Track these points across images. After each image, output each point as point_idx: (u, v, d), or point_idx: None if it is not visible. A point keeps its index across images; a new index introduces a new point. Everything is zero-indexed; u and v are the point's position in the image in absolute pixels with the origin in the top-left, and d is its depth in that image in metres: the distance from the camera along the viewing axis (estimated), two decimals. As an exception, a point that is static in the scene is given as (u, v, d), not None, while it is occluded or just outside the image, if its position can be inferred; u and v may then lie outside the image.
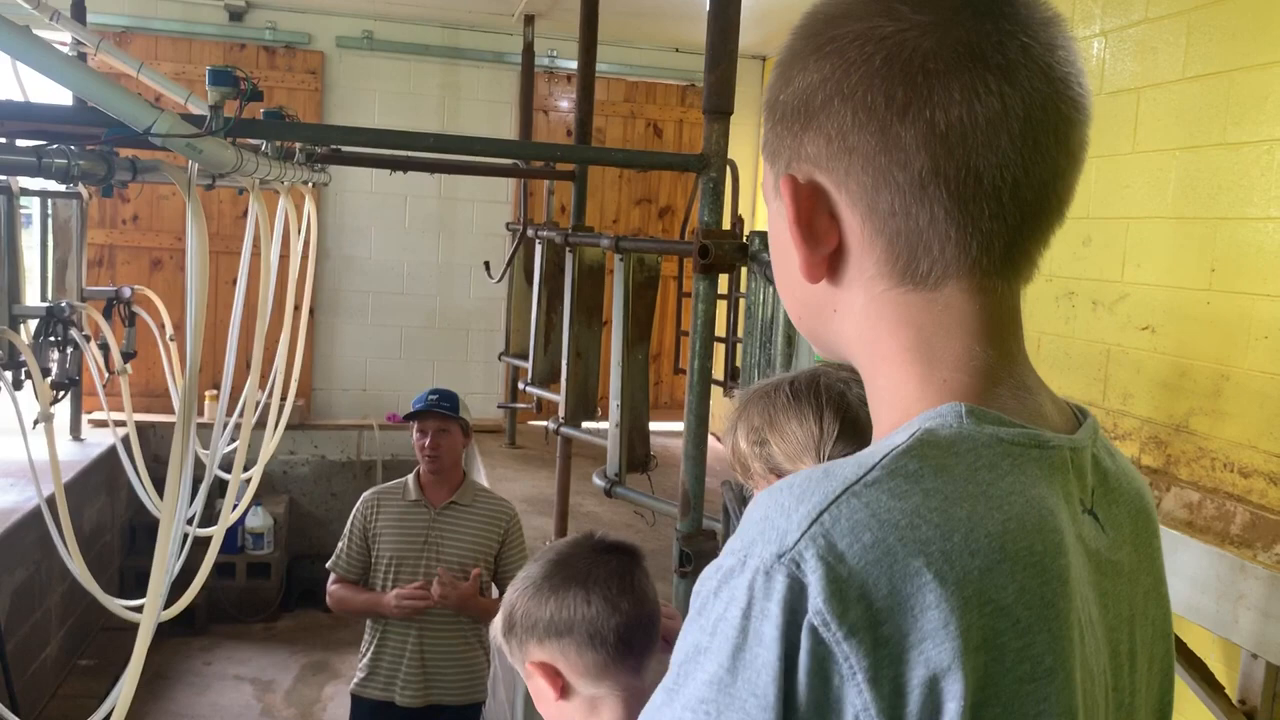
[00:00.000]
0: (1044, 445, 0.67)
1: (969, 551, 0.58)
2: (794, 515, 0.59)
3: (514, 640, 1.40)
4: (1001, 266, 0.68)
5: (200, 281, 2.73)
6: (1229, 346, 2.61)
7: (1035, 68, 0.65)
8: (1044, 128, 0.65)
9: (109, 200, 6.14)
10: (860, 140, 0.66)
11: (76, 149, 2.60)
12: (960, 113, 0.64)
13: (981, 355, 0.68)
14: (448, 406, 3.35)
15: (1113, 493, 0.75)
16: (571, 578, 1.36)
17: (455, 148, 3.91)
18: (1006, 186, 0.65)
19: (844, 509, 0.59)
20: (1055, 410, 0.73)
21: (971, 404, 0.66)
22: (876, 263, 0.68)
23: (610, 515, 4.93)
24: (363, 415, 6.93)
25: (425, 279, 7.04)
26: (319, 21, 6.66)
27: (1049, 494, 0.65)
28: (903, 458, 0.62)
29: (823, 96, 0.67)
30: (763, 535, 0.60)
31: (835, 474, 0.61)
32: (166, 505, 2.89)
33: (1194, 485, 2.69)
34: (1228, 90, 2.65)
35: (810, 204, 0.69)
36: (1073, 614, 0.63)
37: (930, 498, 0.60)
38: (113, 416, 5.19)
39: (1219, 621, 2.39)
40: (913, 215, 0.66)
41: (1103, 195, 3.05)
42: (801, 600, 0.56)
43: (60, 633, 5.24)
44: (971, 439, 0.64)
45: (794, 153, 0.70)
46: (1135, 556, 0.76)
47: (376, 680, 3.29)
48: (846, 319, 0.72)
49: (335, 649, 5.76)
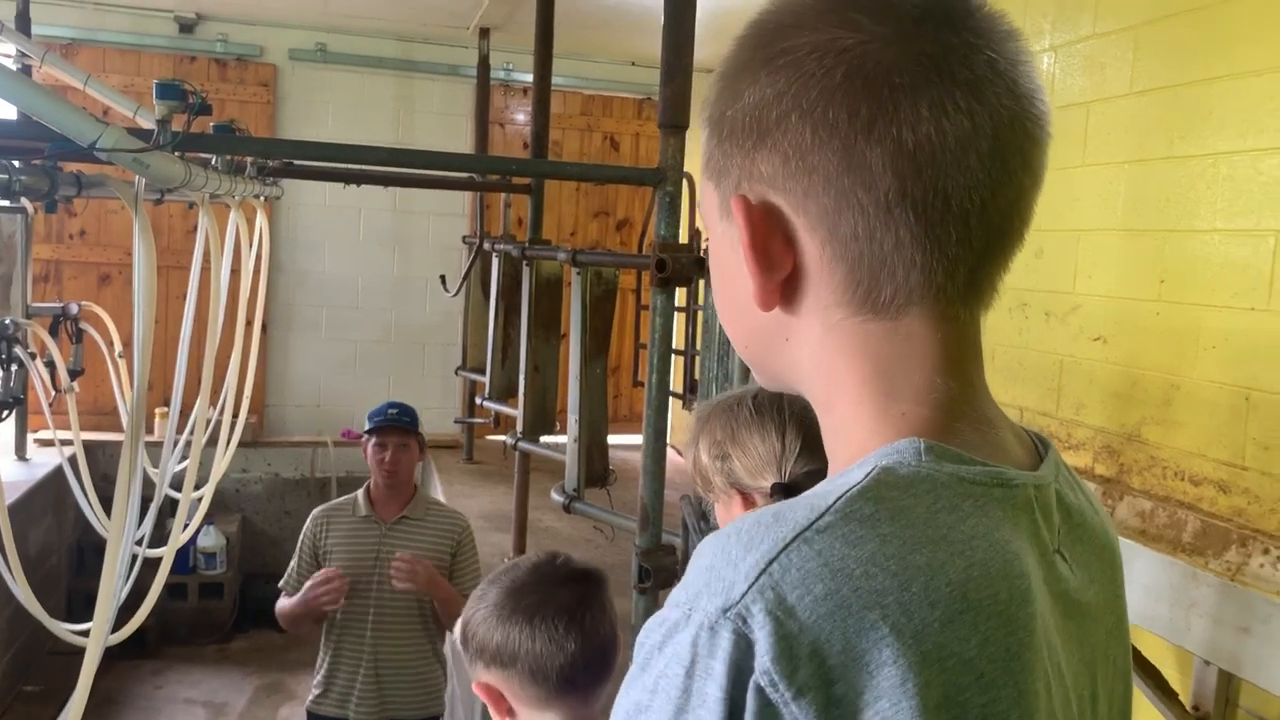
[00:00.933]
0: (1007, 484, 0.63)
1: (928, 602, 0.55)
2: (741, 565, 0.56)
3: (468, 655, 1.41)
4: (965, 293, 0.65)
5: (148, 297, 2.68)
6: (1179, 357, 2.65)
7: (1002, 84, 0.62)
8: (1011, 147, 0.62)
9: (56, 215, 6.02)
10: (821, 159, 0.62)
11: (20, 164, 2.54)
12: (929, 130, 0.60)
13: (943, 387, 0.64)
14: (408, 421, 3.32)
15: (1077, 529, 0.71)
16: (520, 610, 1.35)
17: (409, 161, 3.88)
18: (974, 209, 0.61)
19: (794, 558, 0.55)
20: (1017, 443, 0.70)
21: (931, 440, 0.62)
22: (835, 289, 0.64)
23: (569, 530, 4.91)
24: (317, 432, 6.84)
25: (380, 293, 6.97)
26: (271, 34, 6.59)
27: (1014, 536, 0.61)
28: (857, 500, 0.58)
29: (778, 112, 0.62)
30: (708, 587, 0.56)
31: (786, 519, 0.58)
32: (114, 525, 2.82)
33: (1146, 494, 2.72)
34: (1174, 105, 2.69)
35: (765, 227, 0.64)
36: (1038, 665, 0.59)
37: (887, 544, 0.56)
38: (59, 435, 5.08)
39: (1172, 629, 2.41)
40: (877, 239, 0.62)
41: (1054, 207, 3.09)
42: (748, 658, 0.53)
43: (5, 658, 5.10)
44: (931, 479, 0.60)
45: (745, 172, 0.65)
46: (1101, 595, 0.72)
47: (331, 697, 3.25)
48: (800, 348, 0.67)
49: (290, 670, 5.67)
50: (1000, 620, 0.57)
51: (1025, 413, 3.20)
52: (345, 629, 3.24)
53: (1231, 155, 2.52)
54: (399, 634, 3.24)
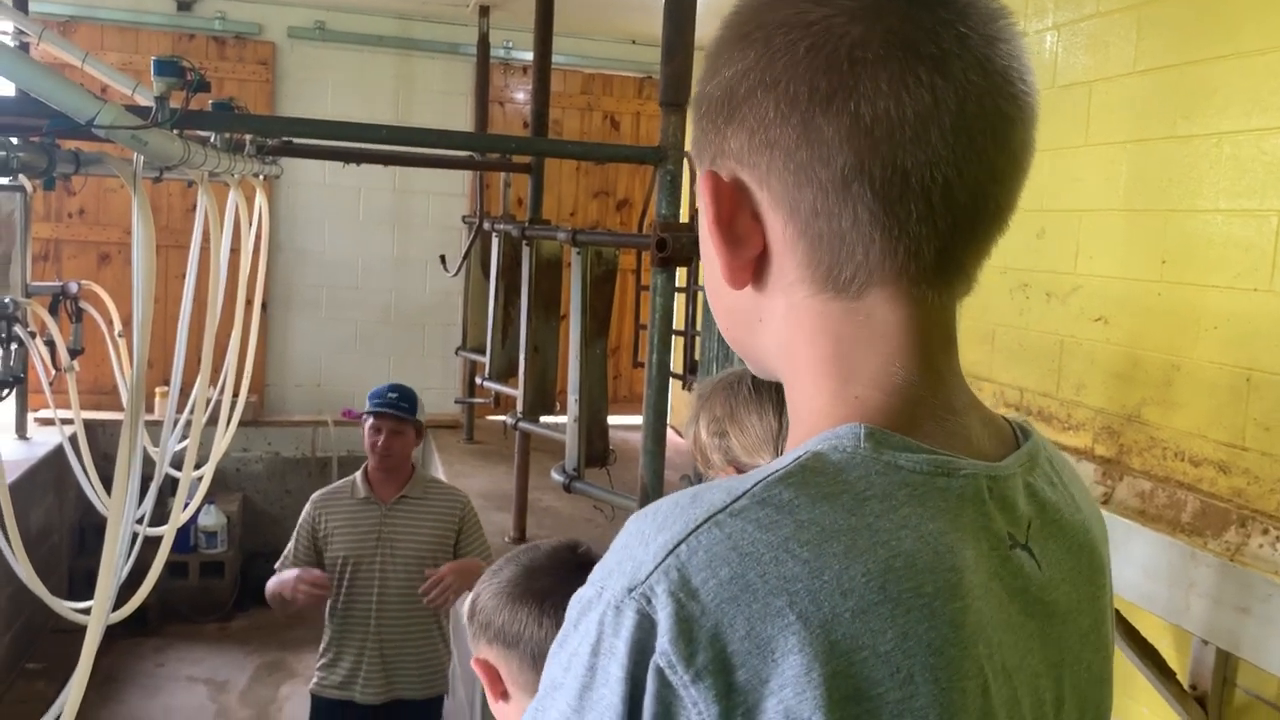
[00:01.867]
0: (951, 473, 0.60)
1: (840, 591, 0.53)
2: (651, 545, 0.55)
3: (471, 629, 1.40)
4: (932, 275, 0.62)
5: (147, 276, 2.67)
6: (1179, 337, 2.65)
7: (972, 59, 0.60)
8: (980, 124, 0.60)
9: (54, 193, 6.01)
10: (782, 134, 0.61)
11: (18, 141, 2.53)
12: (887, 105, 0.58)
13: (902, 372, 0.63)
14: (406, 407, 3.32)
15: (1051, 525, 0.68)
16: (532, 593, 1.34)
17: (409, 140, 3.87)
18: (937, 187, 0.59)
19: (703, 539, 0.55)
20: (987, 433, 0.67)
21: (874, 426, 0.60)
22: (798, 267, 0.63)
23: (570, 510, 4.92)
24: (317, 411, 6.84)
25: (380, 273, 6.96)
26: (270, 11, 6.55)
27: (951, 528, 0.59)
28: (777, 485, 0.57)
29: (746, 87, 0.62)
30: (619, 566, 0.56)
31: (702, 500, 0.57)
32: (114, 504, 2.82)
33: (1146, 474, 2.72)
34: (1177, 84, 2.68)
35: (732, 203, 0.64)
36: (968, 662, 0.56)
37: (802, 530, 0.55)
38: (60, 415, 5.08)
39: (1170, 608, 2.42)
40: (835, 216, 0.61)
41: (1056, 188, 3.08)
42: (650, 638, 0.53)
43: (7, 636, 5.13)
44: (865, 465, 0.58)
45: (717, 148, 0.65)
46: (1074, 595, 0.69)
47: (335, 678, 3.26)
48: (770, 327, 0.66)
49: (291, 648, 5.69)
50: (923, 614, 0.55)
51: (1026, 393, 3.20)
52: (349, 611, 3.25)
53: (1235, 135, 2.51)
54: (403, 614, 3.25)
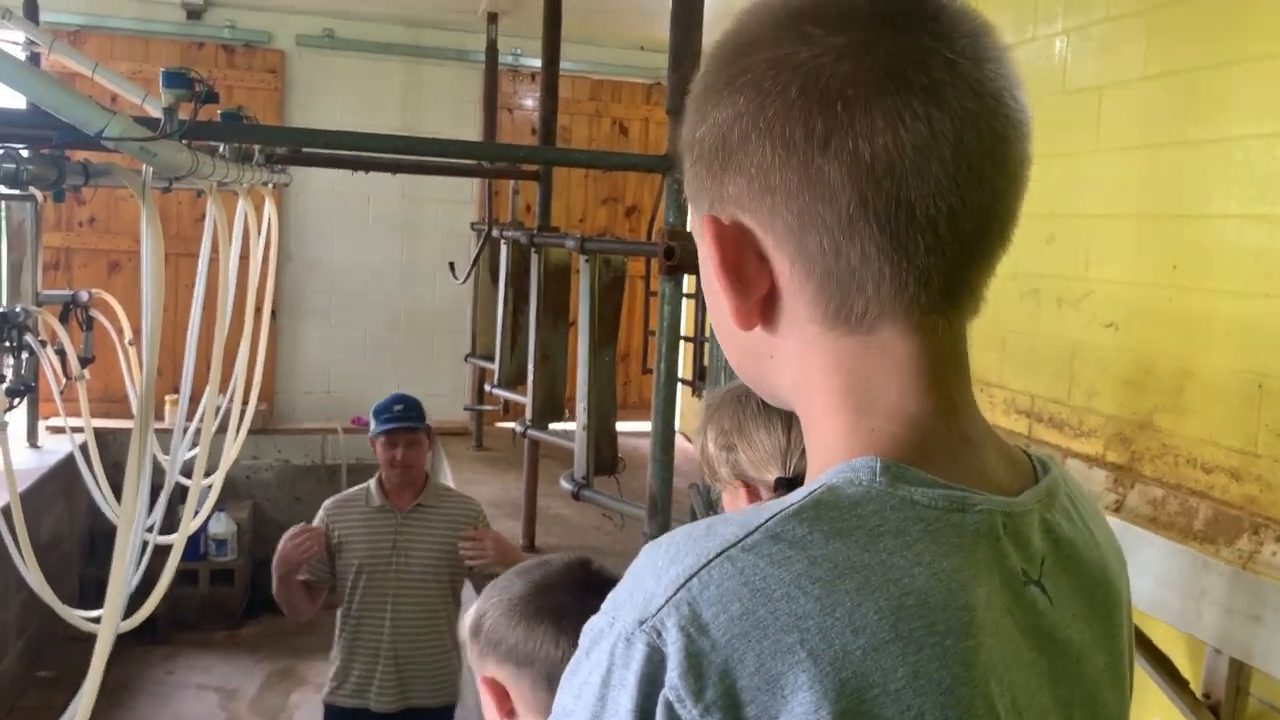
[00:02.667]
0: (966, 509, 0.60)
1: (851, 629, 0.54)
2: (663, 577, 0.56)
3: (476, 646, 1.34)
4: (942, 302, 0.63)
5: (156, 285, 2.68)
6: (1191, 343, 2.63)
7: (963, 85, 0.60)
8: (978, 150, 0.61)
9: (65, 203, 6.03)
10: (782, 178, 0.61)
11: (28, 153, 2.54)
12: (885, 141, 0.59)
13: (916, 404, 0.63)
14: (415, 417, 3.31)
15: (1066, 561, 0.68)
16: (548, 610, 1.29)
17: (417, 149, 3.88)
18: (942, 216, 0.60)
19: (715, 574, 0.55)
20: (1003, 465, 0.67)
21: (890, 459, 0.60)
22: (808, 305, 0.64)
23: (578, 518, 4.91)
24: (327, 419, 6.86)
25: (389, 280, 6.97)
26: (279, 20, 6.58)
27: (965, 565, 0.59)
28: (790, 520, 0.57)
29: (739, 132, 0.63)
30: (631, 597, 0.57)
31: (715, 533, 0.57)
32: (124, 512, 2.83)
33: (1158, 481, 2.70)
34: (1188, 89, 2.66)
35: (736, 247, 0.64)
36: (978, 701, 0.56)
37: (815, 566, 0.55)
38: (70, 423, 5.10)
39: (1183, 617, 2.40)
40: (843, 254, 0.61)
41: (1066, 193, 3.06)
42: (660, 672, 0.53)
43: (19, 644, 5.14)
44: (879, 500, 0.59)
45: (715, 194, 0.65)
46: (1089, 633, 0.69)
47: (349, 687, 3.25)
48: (782, 365, 0.67)
49: (301, 655, 5.70)
50: (934, 653, 0.55)
51: (1037, 400, 3.18)
52: (362, 619, 3.24)
53: (1247, 140, 2.49)
54: (418, 622, 3.24)
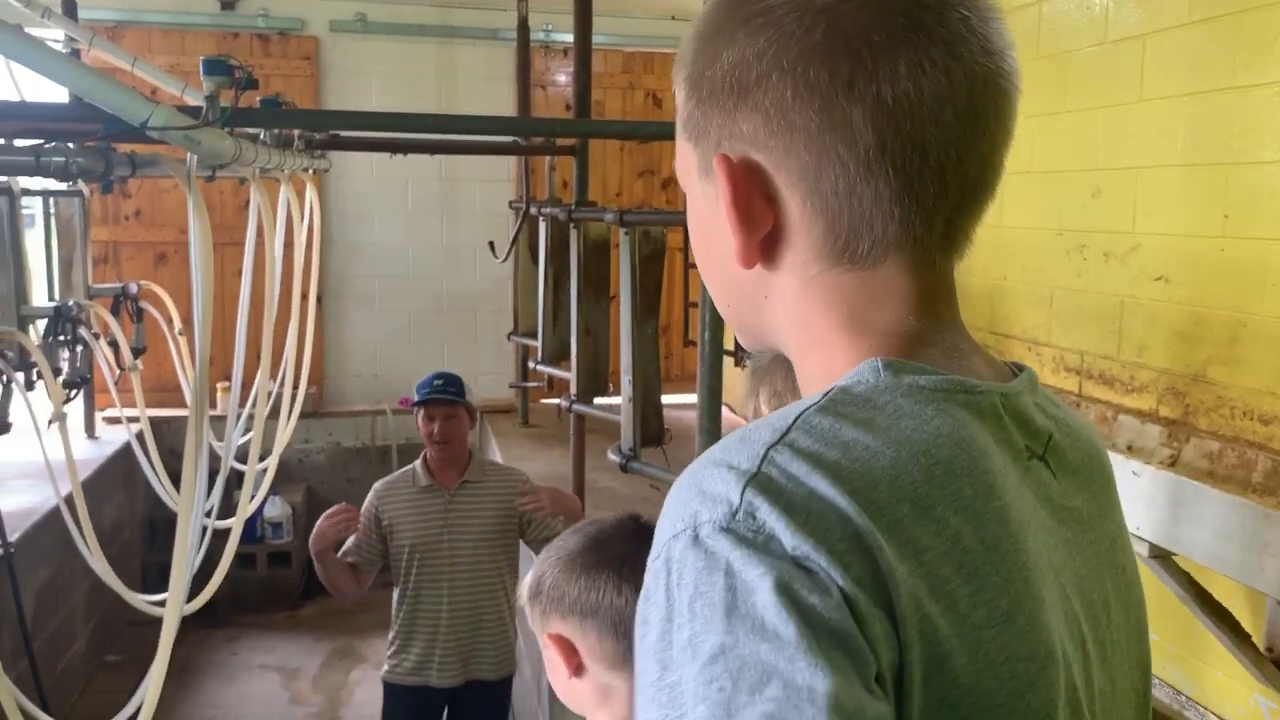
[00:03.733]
0: (970, 390, 0.65)
1: (895, 500, 0.57)
2: (728, 478, 0.58)
3: (538, 607, 1.35)
4: (941, 243, 0.67)
5: (205, 274, 2.72)
6: (1245, 293, 2.58)
7: (975, 42, 0.63)
8: (985, 103, 0.64)
9: (111, 196, 6.13)
10: (802, 117, 0.63)
11: (75, 146, 2.59)
12: (907, 87, 0.61)
13: (914, 322, 0.67)
14: (454, 391, 3.32)
15: (1063, 439, 0.73)
16: (607, 560, 1.31)
17: (453, 127, 3.89)
18: (951, 163, 0.63)
19: (776, 460, 0.58)
20: (990, 370, 0.71)
21: (889, 358, 0.64)
22: (815, 244, 0.66)
23: (627, 490, 4.93)
24: (375, 401, 6.93)
25: (431, 262, 7.02)
26: (311, 6, 6.61)
27: (979, 436, 0.63)
28: (815, 416, 0.61)
29: (758, 71, 0.64)
30: (704, 504, 0.57)
31: (751, 439, 0.60)
32: (183, 499, 2.89)
33: (1214, 435, 2.66)
34: (1235, 33, 2.60)
35: (747, 185, 0.66)
36: (1023, 556, 0.61)
37: (851, 450, 0.59)
38: (126, 413, 5.20)
39: (1244, 570, 2.37)
40: (858, 194, 0.63)
41: (1110, 146, 3.01)
42: (771, 544, 0.55)
43: (87, 630, 5.28)
44: (889, 389, 0.63)
45: (726, 131, 0.67)
46: (1093, 504, 0.73)
47: (409, 664, 3.29)
48: (778, 304, 0.70)
49: (359, 634, 5.80)
50: (969, 515, 0.59)
51: (1086, 356, 3.14)
52: (419, 598, 3.28)
53: (1297, 82, 2.43)
54: (475, 597, 3.28)
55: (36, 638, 4.26)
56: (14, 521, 4.25)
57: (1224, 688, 2.68)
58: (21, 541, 4.28)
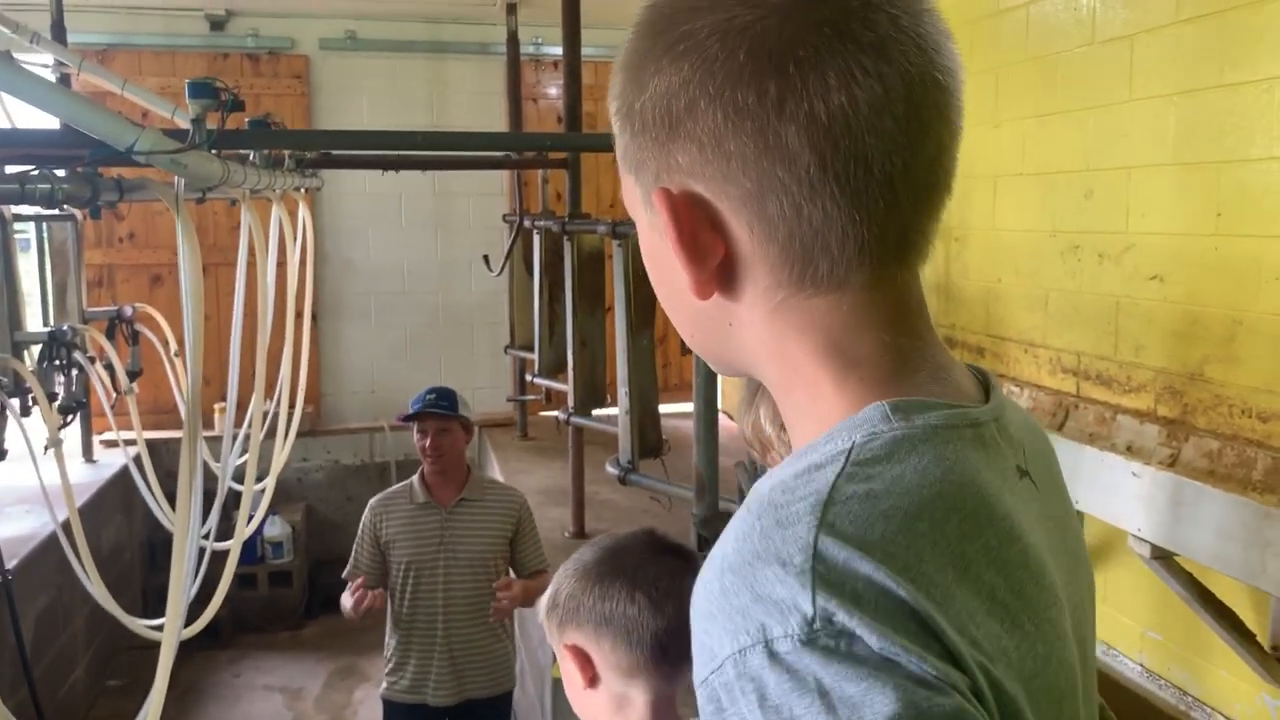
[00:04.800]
0: (975, 423, 0.64)
1: (939, 568, 0.56)
2: (787, 578, 0.54)
3: (554, 619, 1.38)
4: (899, 253, 0.64)
5: (195, 297, 2.71)
6: (1240, 291, 2.57)
7: (907, 40, 0.60)
8: (925, 103, 0.61)
9: (105, 220, 6.13)
10: (737, 144, 0.60)
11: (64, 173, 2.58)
12: (840, 100, 0.59)
13: (893, 345, 0.65)
14: (446, 405, 3.29)
15: (1032, 446, 0.73)
16: (620, 570, 1.33)
17: (444, 144, 3.88)
18: (897, 171, 0.61)
19: (829, 550, 0.55)
20: (967, 380, 0.71)
21: (893, 399, 0.62)
22: (771, 270, 0.63)
23: (627, 502, 4.92)
24: (373, 417, 6.92)
25: (426, 276, 7.02)
26: (301, 25, 6.62)
27: (992, 476, 0.63)
28: (847, 485, 0.58)
29: (686, 100, 0.61)
30: (770, 614, 0.54)
31: (789, 520, 0.57)
32: (179, 521, 2.87)
33: (1212, 433, 2.65)
34: (1223, 30, 2.60)
35: (690, 216, 0.63)
36: (1044, 594, 0.62)
37: (890, 521, 0.57)
38: (123, 436, 5.19)
39: (1247, 569, 2.36)
40: (804, 215, 0.61)
41: (1101, 146, 3.00)
42: (856, 647, 0.52)
43: (87, 654, 5.26)
44: (908, 439, 0.61)
45: (662, 164, 0.64)
46: (1059, 502, 0.74)
47: (405, 682, 3.28)
48: (746, 332, 0.67)
49: (362, 653, 5.77)
50: (998, 565, 0.59)
51: (1083, 357, 3.14)
52: (414, 615, 3.26)
53: (1286, 79, 2.42)
54: (470, 615, 3.26)
55: (37, 665, 4.24)
56: (12, 548, 4.23)
57: (1230, 687, 2.67)
58: (20, 568, 4.26)
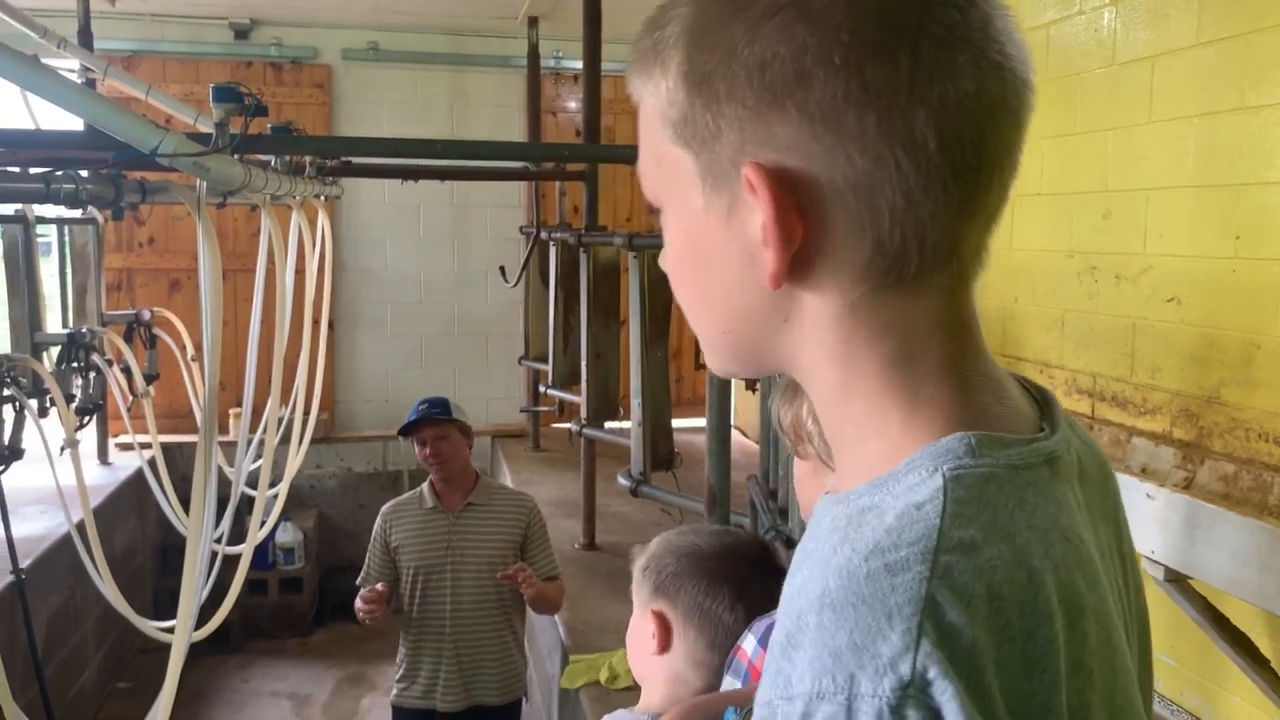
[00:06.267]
0: (1052, 460, 0.62)
1: (1042, 618, 0.54)
2: (891, 635, 0.51)
3: (648, 582, 1.42)
4: (972, 261, 0.62)
5: (214, 301, 2.73)
6: (1258, 314, 2.56)
7: (1014, 47, 0.59)
8: (1025, 109, 0.60)
9: (125, 224, 6.18)
10: (856, 121, 0.56)
11: (87, 174, 2.60)
12: (968, 88, 0.56)
13: (959, 359, 0.62)
14: (437, 412, 3.32)
15: (1089, 470, 0.69)
16: (730, 576, 1.36)
17: (462, 153, 3.91)
18: (997, 172, 0.59)
19: (940, 608, 0.51)
20: (1023, 398, 0.67)
21: (974, 430, 0.59)
22: (861, 261, 0.59)
23: (638, 514, 4.92)
24: (387, 426, 6.93)
25: (442, 287, 7.04)
26: (324, 35, 6.67)
27: (1073, 519, 0.61)
28: (955, 526, 0.55)
29: (798, 69, 0.56)
30: (864, 667, 0.51)
31: (899, 568, 0.53)
32: (192, 525, 2.89)
33: (1228, 457, 2.64)
34: (1244, 54, 2.59)
35: (788, 196, 0.58)
36: (1115, 636, 0.61)
37: (994, 572, 0.54)
38: (138, 439, 5.22)
39: (1262, 594, 2.34)
40: (915, 206, 0.57)
41: (1120, 167, 3.00)
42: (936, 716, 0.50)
43: (98, 656, 5.27)
44: (996, 479, 0.58)
45: (752, 135, 0.58)
46: (1115, 532, 0.71)
47: (416, 689, 3.28)
48: (805, 329, 0.62)
49: (371, 661, 5.78)
50: (1091, 614, 0.58)
51: (1099, 379, 3.12)
52: (424, 621, 3.27)
53: (1307, 102, 2.42)
54: (478, 621, 3.26)
55: (48, 664, 4.26)
56: (26, 547, 4.26)
57: (1242, 714, 2.65)
58: (34, 568, 4.28)
